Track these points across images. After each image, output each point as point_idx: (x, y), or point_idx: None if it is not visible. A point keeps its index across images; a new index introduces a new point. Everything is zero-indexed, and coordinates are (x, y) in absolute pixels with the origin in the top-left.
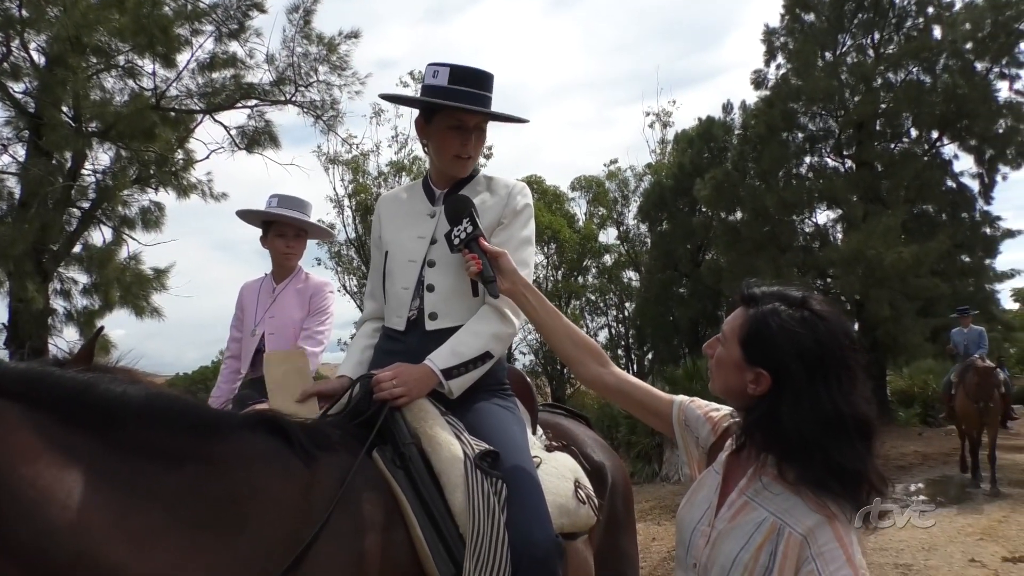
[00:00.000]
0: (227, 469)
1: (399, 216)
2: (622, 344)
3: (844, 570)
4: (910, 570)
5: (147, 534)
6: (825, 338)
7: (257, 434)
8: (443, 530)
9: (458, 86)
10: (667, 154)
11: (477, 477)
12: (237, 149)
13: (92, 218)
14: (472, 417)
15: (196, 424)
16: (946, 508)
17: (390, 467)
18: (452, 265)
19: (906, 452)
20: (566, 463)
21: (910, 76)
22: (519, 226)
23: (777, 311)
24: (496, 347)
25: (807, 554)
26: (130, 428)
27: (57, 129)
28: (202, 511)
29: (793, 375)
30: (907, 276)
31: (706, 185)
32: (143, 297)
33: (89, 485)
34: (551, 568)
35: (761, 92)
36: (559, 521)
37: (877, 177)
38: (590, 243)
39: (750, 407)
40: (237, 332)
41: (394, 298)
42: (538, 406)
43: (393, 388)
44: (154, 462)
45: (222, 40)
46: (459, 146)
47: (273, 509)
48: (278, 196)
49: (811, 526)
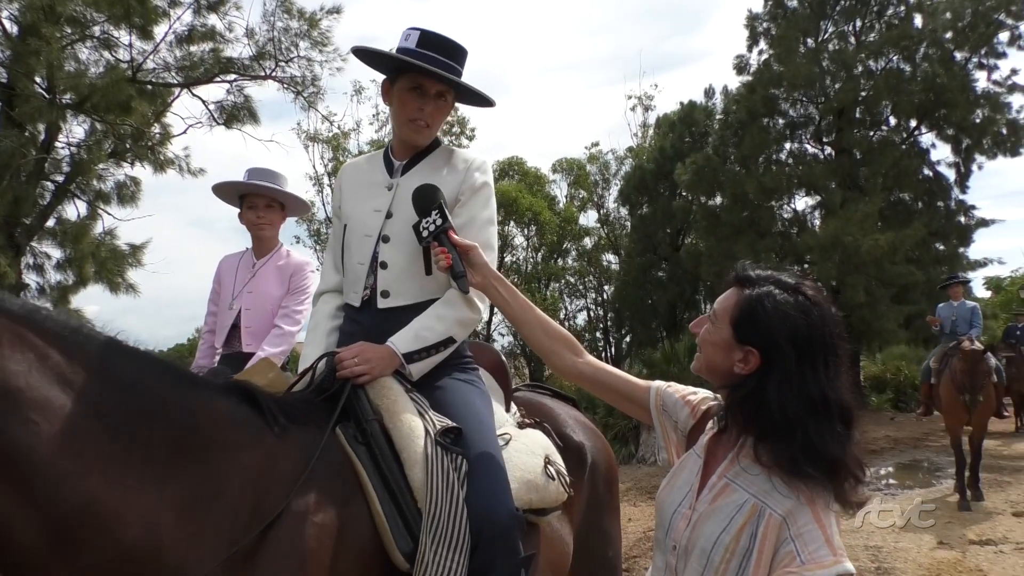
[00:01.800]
0: (205, 428)
1: (359, 187)
2: (600, 327)
3: (823, 550)
4: (880, 552)
5: (135, 484)
6: (817, 323)
7: (231, 399)
8: (402, 506)
9: (425, 50)
10: (648, 138)
11: (437, 453)
12: (215, 124)
13: (66, 192)
14: (437, 394)
15: (180, 377)
16: (915, 491)
17: (352, 443)
18: (406, 241)
19: (878, 436)
20: (537, 440)
21: (890, 64)
22: (479, 205)
23: (772, 294)
24: (459, 332)
25: (786, 535)
26: (121, 368)
27: (30, 100)
28: (181, 466)
29: (784, 355)
30: (883, 263)
31: (687, 169)
32: (118, 273)
33: (90, 430)
34: (511, 541)
35: (743, 77)
36: (527, 496)
37: (855, 164)
38: (570, 225)
39: (735, 385)
40: (214, 306)
41: (351, 273)
42: (512, 385)
43: (355, 366)
44: (142, 409)
45: (201, 12)
46: (416, 110)
47: (242, 475)
48: (249, 169)
49: (790, 508)
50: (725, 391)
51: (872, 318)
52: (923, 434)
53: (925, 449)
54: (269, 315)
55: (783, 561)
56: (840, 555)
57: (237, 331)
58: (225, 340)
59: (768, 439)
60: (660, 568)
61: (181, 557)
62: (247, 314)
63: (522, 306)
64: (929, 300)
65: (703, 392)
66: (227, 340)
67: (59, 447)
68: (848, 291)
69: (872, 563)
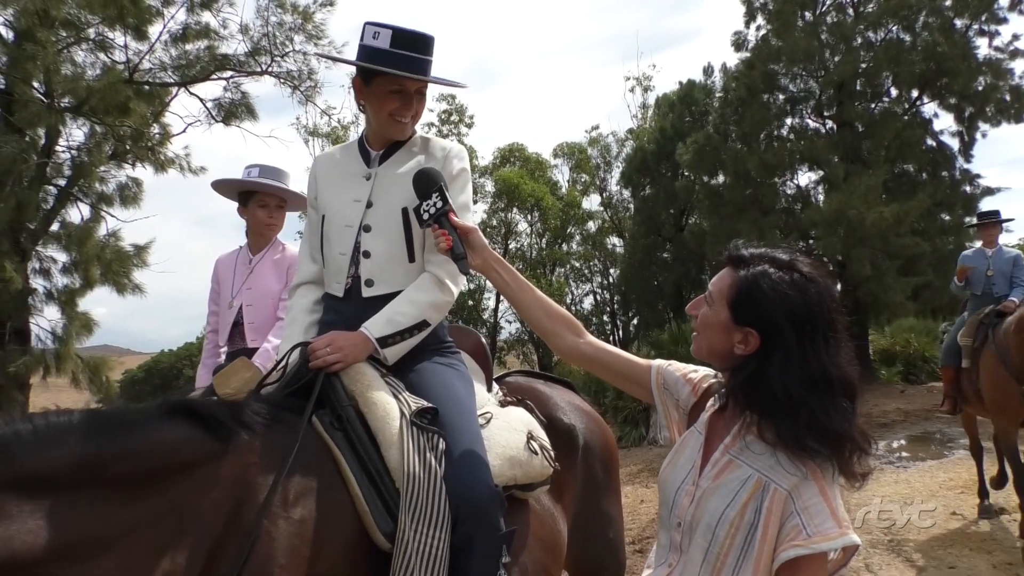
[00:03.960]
0: (152, 460)
1: (335, 178)
2: (607, 310)
3: (828, 523)
4: (893, 524)
5: (102, 543)
6: (814, 300)
7: (176, 422)
8: (381, 487)
9: (400, 50)
10: (649, 119)
11: (412, 433)
12: (214, 122)
13: (69, 195)
14: (414, 377)
15: (107, 425)
16: (927, 463)
17: (329, 430)
18: (388, 230)
19: (888, 410)
20: (519, 416)
21: (890, 35)
22: (457, 191)
23: (767, 273)
24: (433, 316)
25: (791, 509)
26: (37, 461)
27: (28, 105)
28: (139, 506)
29: (783, 335)
30: (888, 235)
31: (688, 149)
32: (124, 274)
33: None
34: (490, 517)
35: (741, 54)
36: (510, 472)
37: (858, 137)
38: (573, 210)
39: (736, 367)
40: (215, 306)
41: (332, 263)
42: (492, 366)
43: (328, 355)
44: (81, 478)
45: (194, 10)
46: (399, 109)
47: (208, 491)
48: (258, 166)
49: (796, 482)
50: (727, 373)
51: (879, 291)
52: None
53: (936, 421)
54: (270, 309)
55: (789, 535)
56: (845, 527)
57: (240, 328)
58: (228, 338)
59: (772, 417)
60: (664, 546)
61: None
62: (248, 310)
63: (522, 288)
64: (936, 271)
65: (704, 370)
66: (230, 337)
67: (24, 559)
68: (854, 265)
69: (885, 535)
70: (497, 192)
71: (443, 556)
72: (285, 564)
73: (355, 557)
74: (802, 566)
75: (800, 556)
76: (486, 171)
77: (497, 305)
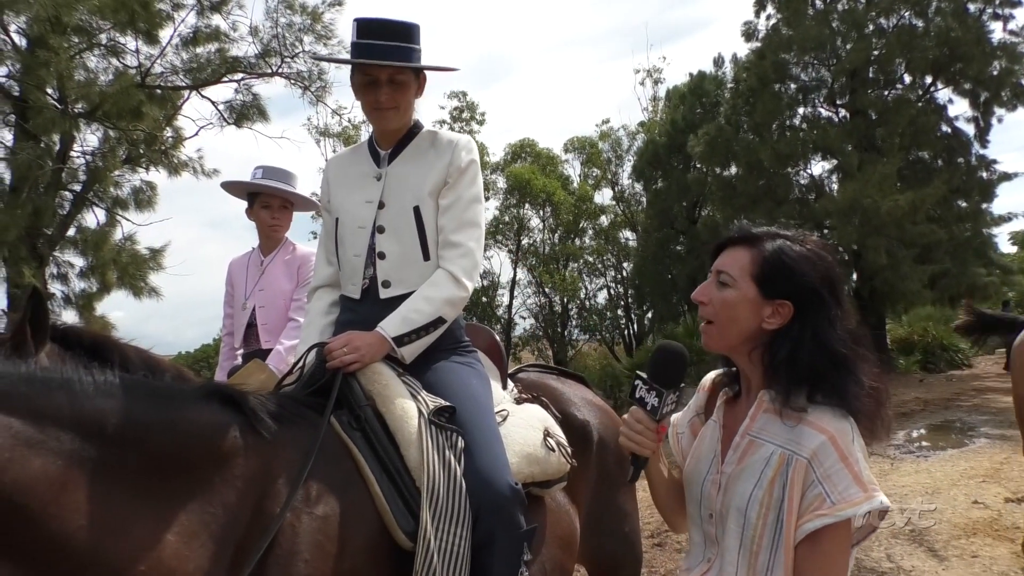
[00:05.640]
0: (189, 442)
1: (346, 179)
2: (621, 304)
3: (852, 488)
4: (914, 514)
5: (130, 518)
6: (832, 265)
7: (212, 406)
8: (401, 486)
9: (366, 39)
10: (659, 111)
11: (431, 432)
12: (226, 124)
13: (84, 200)
14: (431, 376)
15: (153, 394)
16: (948, 452)
17: (347, 430)
18: (401, 230)
19: (907, 399)
20: (535, 413)
21: (902, 21)
22: (466, 184)
23: (788, 244)
24: (448, 312)
25: (813, 478)
26: (85, 407)
27: (43, 112)
28: (171, 485)
29: (820, 298)
30: (904, 223)
31: (699, 141)
32: (140, 277)
33: (75, 483)
34: (510, 514)
35: (752, 44)
36: (528, 470)
37: (871, 125)
38: (585, 204)
39: (770, 342)
40: (229, 308)
41: (347, 265)
42: (507, 363)
43: (344, 355)
44: (122, 439)
45: (204, 13)
46: (374, 100)
47: (237, 481)
48: (263, 167)
49: (815, 448)
50: (757, 351)
51: (895, 280)
52: (953, 394)
53: (956, 409)
54: (282, 310)
55: (812, 505)
56: (872, 490)
57: (254, 329)
58: (243, 339)
59: (820, 380)
60: (699, 543)
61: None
62: (261, 311)
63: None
64: (953, 259)
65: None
66: (245, 339)
67: (50, 514)
68: (869, 254)
69: (906, 525)
70: (509, 188)
71: (464, 554)
72: (310, 559)
73: (377, 555)
74: (827, 535)
75: (827, 524)
76: (497, 167)
77: (511, 301)
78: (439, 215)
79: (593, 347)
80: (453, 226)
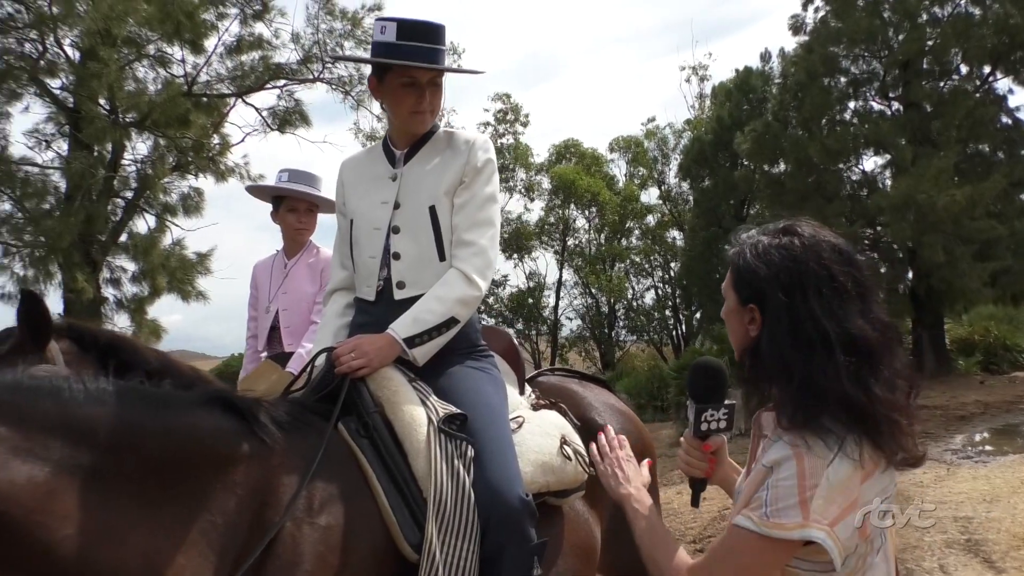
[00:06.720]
0: (188, 448)
1: (361, 181)
2: (669, 305)
3: (792, 511)
4: (971, 523)
5: (124, 525)
6: (801, 254)
7: (213, 412)
8: (408, 496)
9: (407, 41)
10: (705, 109)
11: (440, 440)
12: (269, 130)
13: (135, 207)
14: (444, 381)
15: (149, 400)
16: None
17: (355, 437)
18: (417, 230)
19: (967, 402)
20: (552, 420)
21: (957, 9)
22: (482, 183)
23: (755, 243)
24: (461, 312)
25: (766, 482)
26: (77, 413)
27: (95, 122)
28: (169, 492)
29: (772, 299)
30: (961, 219)
31: (746, 138)
32: (188, 281)
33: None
34: (520, 527)
35: (800, 37)
36: (543, 479)
37: (926, 118)
38: (631, 204)
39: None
40: (253, 311)
41: (362, 267)
42: (525, 367)
43: (352, 360)
44: (116, 445)
45: (247, 22)
46: (415, 103)
47: (237, 489)
48: (288, 171)
49: (777, 459)
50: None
51: (953, 278)
52: (1016, 397)
53: (1019, 412)
54: (305, 313)
55: (751, 504)
56: (811, 521)
57: (277, 332)
58: (267, 342)
59: (774, 390)
60: None
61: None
62: (284, 314)
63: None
64: (1015, 255)
65: None
66: (268, 342)
67: (34, 522)
68: (925, 251)
69: (962, 535)
70: (553, 189)
71: (471, 567)
72: (311, 571)
73: (382, 568)
74: (745, 541)
75: (748, 528)
76: (541, 168)
77: (557, 302)
78: (453, 214)
79: (641, 348)
80: (467, 225)
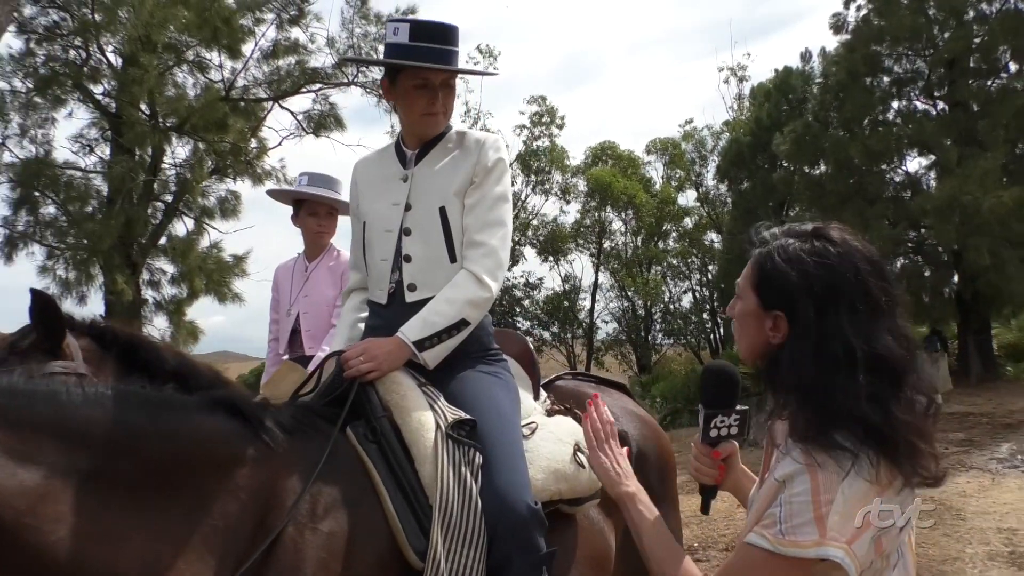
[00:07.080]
0: (191, 451)
1: (373, 183)
2: (706, 308)
3: (808, 528)
4: (1015, 535)
5: (123, 528)
6: (836, 264)
7: (217, 415)
8: (414, 503)
9: (420, 43)
10: (744, 110)
11: (448, 446)
12: (305, 134)
13: (175, 210)
14: (455, 385)
15: (153, 404)
16: None
17: (362, 442)
18: (428, 232)
19: (1014, 409)
20: (566, 427)
21: (1006, 5)
22: (492, 182)
23: (785, 245)
24: (472, 314)
25: (779, 498)
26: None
27: (135, 127)
28: (170, 495)
29: (802, 309)
30: (1009, 221)
31: (786, 139)
32: (224, 283)
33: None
34: (528, 536)
35: (841, 36)
36: (555, 487)
37: (973, 118)
38: (668, 207)
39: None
40: (275, 314)
41: (374, 270)
42: (540, 372)
43: (361, 364)
44: (115, 449)
45: (283, 27)
46: (426, 104)
47: (240, 493)
48: (308, 174)
49: (790, 473)
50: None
51: (1000, 282)
52: None
53: None
54: (326, 316)
55: (764, 521)
56: (828, 538)
57: (298, 335)
58: (288, 345)
59: (798, 408)
60: None
61: None
62: (305, 318)
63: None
64: None
65: None
66: (290, 345)
67: (25, 524)
68: (970, 254)
69: (1005, 547)
70: (589, 191)
71: None
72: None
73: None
74: (759, 559)
75: (762, 547)
76: (578, 171)
77: (593, 305)
78: (464, 215)
79: (677, 352)
80: (478, 225)
